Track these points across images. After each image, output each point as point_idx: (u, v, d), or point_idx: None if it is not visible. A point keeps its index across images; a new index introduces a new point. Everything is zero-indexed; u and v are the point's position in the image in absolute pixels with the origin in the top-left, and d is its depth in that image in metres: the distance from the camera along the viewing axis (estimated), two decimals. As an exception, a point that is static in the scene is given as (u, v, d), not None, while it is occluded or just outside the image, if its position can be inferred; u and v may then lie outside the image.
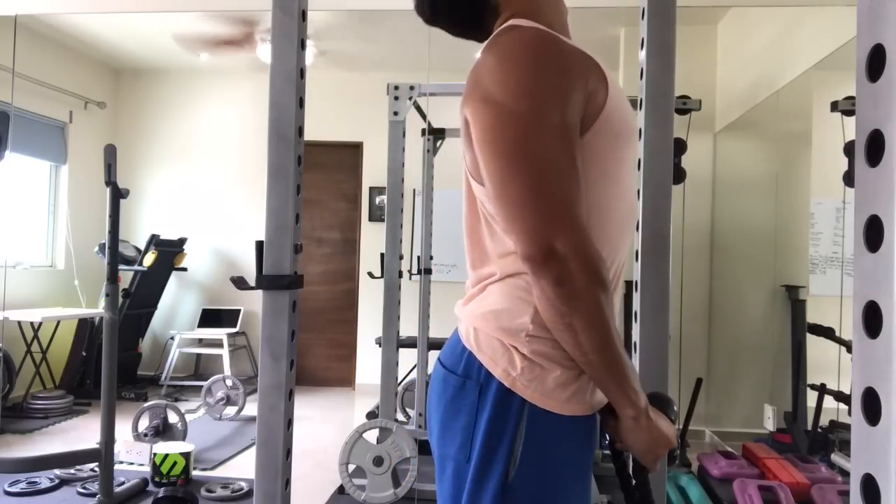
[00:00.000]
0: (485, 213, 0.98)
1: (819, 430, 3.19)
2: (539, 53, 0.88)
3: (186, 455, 3.20)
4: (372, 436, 2.93)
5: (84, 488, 3.06)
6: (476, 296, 1.00)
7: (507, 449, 0.90)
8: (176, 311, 5.85)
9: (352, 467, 2.86)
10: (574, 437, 0.93)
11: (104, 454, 2.70)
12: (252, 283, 1.29)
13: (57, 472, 3.20)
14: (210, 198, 5.86)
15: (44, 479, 3.15)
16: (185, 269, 5.68)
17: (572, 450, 0.93)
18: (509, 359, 0.92)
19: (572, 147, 0.86)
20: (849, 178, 2.97)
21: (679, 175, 3.87)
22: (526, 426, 0.90)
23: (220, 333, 5.43)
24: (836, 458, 2.98)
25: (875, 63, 0.39)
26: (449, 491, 0.96)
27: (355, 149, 5.76)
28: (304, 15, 1.27)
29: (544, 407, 0.90)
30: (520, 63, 0.88)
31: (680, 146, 3.85)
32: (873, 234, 0.39)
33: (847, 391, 2.96)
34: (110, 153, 2.73)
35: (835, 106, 2.98)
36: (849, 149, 2.93)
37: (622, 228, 0.98)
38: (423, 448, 2.72)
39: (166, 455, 3.16)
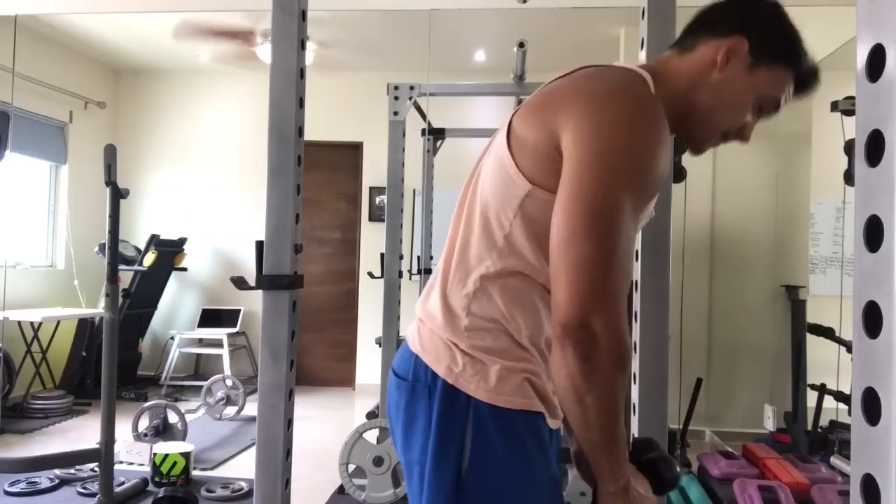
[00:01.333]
0: (498, 210, 0.95)
1: (819, 430, 3.19)
2: (661, 133, 0.89)
3: (186, 455, 3.20)
4: (372, 436, 2.93)
5: (84, 488, 3.06)
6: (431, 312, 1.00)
7: (458, 446, 0.91)
8: (176, 311, 5.85)
9: (352, 467, 2.86)
10: (523, 431, 0.92)
11: (104, 454, 2.70)
12: (252, 283, 1.29)
13: (57, 472, 3.20)
14: (210, 198, 5.85)
15: (44, 479, 3.15)
16: (185, 269, 5.68)
17: (522, 444, 0.92)
18: (451, 356, 0.93)
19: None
20: (849, 177, 2.97)
21: (679, 174, 3.86)
22: (473, 422, 0.91)
23: (220, 333, 5.42)
24: (835, 461, 2.98)
25: (875, 63, 0.39)
26: (417, 495, 0.96)
27: (355, 149, 5.76)
28: (304, 15, 1.27)
29: (488, 401, 0.91)
30: (645, 135, 0.87)
31: (681, 144, 3.84)
32: (873, 234, 0.38)
33: (847, 391, 2.96)
34: (110, 153, 2.73)
35: (835, 106, 2.98)
36: (849, 147, 2.92)
37: None
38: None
39: (166, 455, 3.16)
